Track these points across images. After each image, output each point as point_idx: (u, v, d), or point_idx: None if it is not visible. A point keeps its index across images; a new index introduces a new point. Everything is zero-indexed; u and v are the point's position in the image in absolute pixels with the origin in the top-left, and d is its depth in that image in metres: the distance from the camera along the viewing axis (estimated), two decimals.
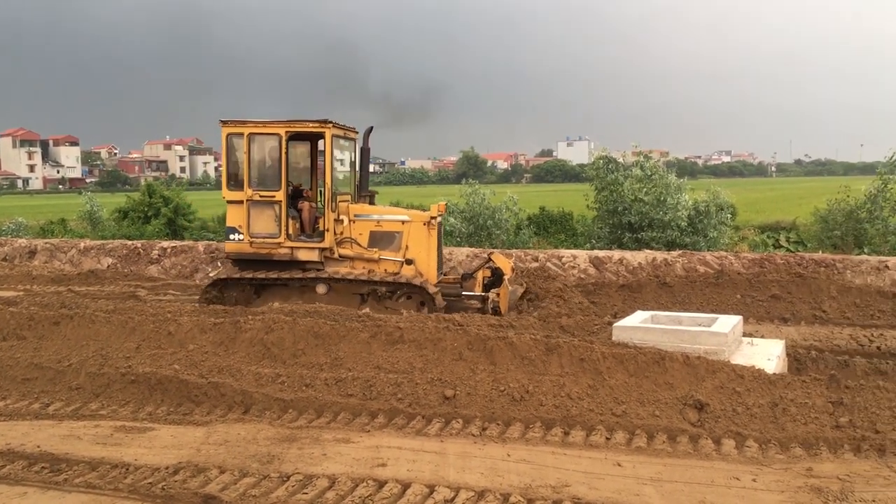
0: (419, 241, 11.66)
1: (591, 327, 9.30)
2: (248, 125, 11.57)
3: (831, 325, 10.59)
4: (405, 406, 6.93)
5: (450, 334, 7.75)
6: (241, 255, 11.74)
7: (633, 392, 6.83)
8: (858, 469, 5.52)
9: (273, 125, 11.55)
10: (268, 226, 11.53)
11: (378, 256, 11.65)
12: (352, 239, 11.71)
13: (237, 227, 11.61)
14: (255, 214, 11.55)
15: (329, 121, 11.50)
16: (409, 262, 11.60)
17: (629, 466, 5.70)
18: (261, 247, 11.55)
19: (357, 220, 11.77)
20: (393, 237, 11.76)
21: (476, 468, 5.71)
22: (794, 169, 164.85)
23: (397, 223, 11.84)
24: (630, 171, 19.48)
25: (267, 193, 11.52)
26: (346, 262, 11.74)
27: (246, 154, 11.52)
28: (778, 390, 6.66)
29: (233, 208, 11.70)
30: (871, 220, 19.76)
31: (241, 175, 11.61)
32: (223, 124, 11.74)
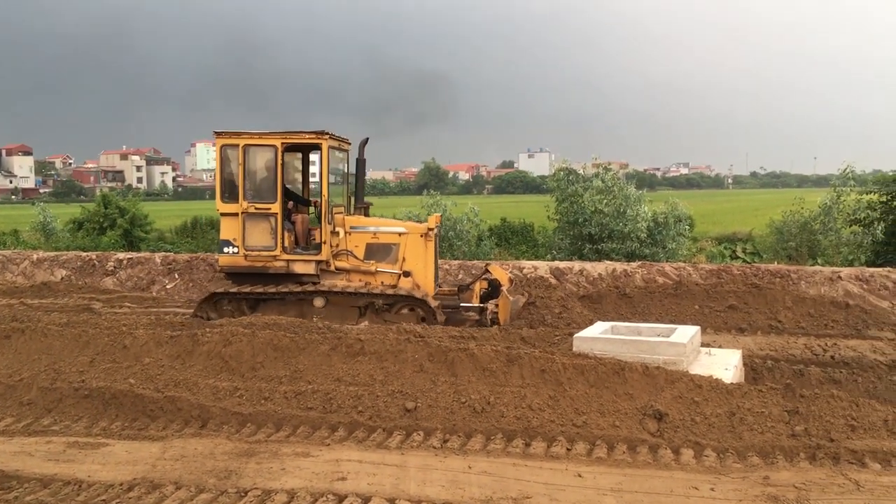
0: (416, 253, 11.57)
1: (552, 338, 9.34)
2: (243, 137, 11.40)
3: (787, 334, 10.76)
4: (366, 419, 6.88)
5: (411, 346, 7.71)
6: (235, 268, 11.55)
7: (594, 402, 6.85)
8: (814, 477, 5.60)
9: (269, 136, 11.40)
10: (263, 238, 11.36)
11: (375, 269, 11.53)
12: (348, 251, 11.58)
13: (231, 240, 11.42)
14: (250, 227, 11.37)
15: (326, 132, 11.40)
16: (406, 274, 11.51)
17: (590, 477, 5.71)
18: (256, 260, 11.38)
19: (353, 232, 11.66)
20: (390, 249, 11.65)
21: (437, 481, 5.67)
22: (750, 181, 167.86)
23: (394, 235, 11.73)
24: (590, 182, 19.69)
25: (262, 206, 11.35)
26: (342, 274, 11.60)
27: (241, 166, 11.36)
28: (735, 400, 6.73)
29: (227, 221, 11.52)
30: (825, 232, 20.22)
31: (236, 187, 11.44)
32: (217, 136, 11.55)
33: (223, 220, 11.59)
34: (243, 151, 11.36)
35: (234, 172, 11.50)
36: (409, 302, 11.25)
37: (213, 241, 27.82)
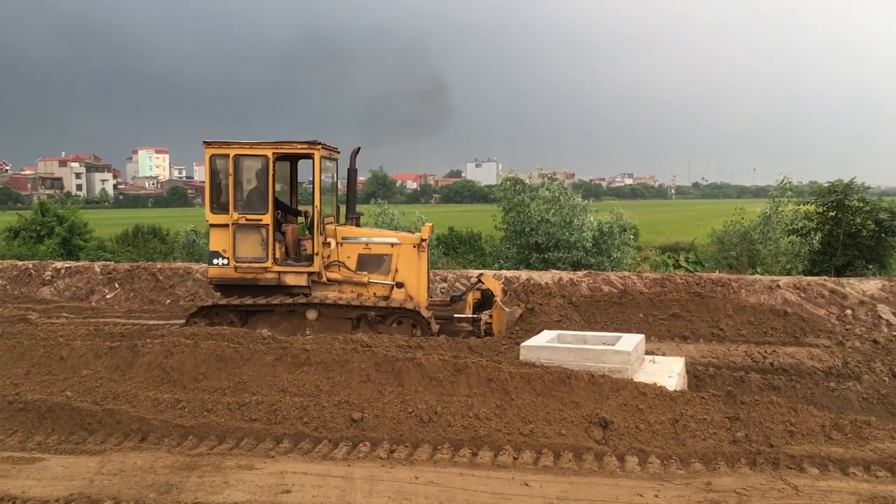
0: (409, 264, 11.45)
1: (499, 347, 9.37)
2: (233, 146, 11.20)
3: (728, 342, 10.95)
4: (311, 430, 6.79)
5: (357, 356, 7.65)
6: (224, 280, 11.30)
7: (540, 411, 6.88)
8: (754, 482, 5.70)
9: (260, 146, 11.22)
10: (254, 250, 11.16)
11: (367, 280, 11.39)
12: (340, 262, 11.43)
13: (221, 252, 11.19)
14: (240, 238, 11.16)
15: (318, 142, 11.25)
16: (399, 285, 11.38)
17: (536, 486, 5.72)
18: (246, 272, 11.17)
19: (345, 242, 11.51)
20: (382, 260, 11.53)
21: (383, 492, 5.63)
22: (692, 192, 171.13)
23: (386, 246, 11.60)
24: (536, 192, 19.85)
25: (253, 217, 11.16)
26: (334, 286, 11.43)
27: (231, 176, 11.15)
28: (678, 407, 6.83)
29: (216, 232, 11.29)
30: (764, 242, 20.69)
31: (226, 198, 11.22)
32: (206, 146, 11.32)
33: (213, 231, 11.37)
34: (234, 161, 11.17)
35: (224, 183, 11.30)
36: (402, 314, 11.13)
37: (154, 250, 27.30)
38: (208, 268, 11.56)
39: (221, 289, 11.47)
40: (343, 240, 11.50)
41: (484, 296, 11.73)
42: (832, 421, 6.62)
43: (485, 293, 11.73)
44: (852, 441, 6.35)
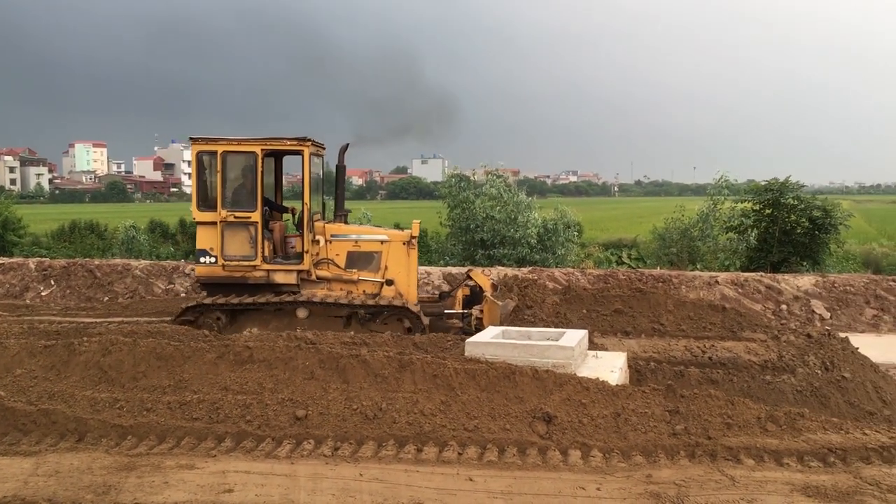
0: (399, 262, 11.44)
1: (444, 343, 9.39)
2: (221, 143, 11.04)
3: (668, 337, 11.16)
4: (254, 428, 6.71)
5: (301, 353, 7.59)
6: (212, 278, 11.14)
7: (485, 407, 6.91)
8: (693, 474, 5.82)
9: (248, 143, 11.08)
10: (243, 248, 11.03)
11: (357, 277, 11.32)
12: (329, 260, 11.35)
13: (208, 250, 11.05)
14: (228, 236, 11.02)
15: (308, 138, 11.12)
16: (388, 282, 11.33)
17: (481, 481, 5.76)
18: (234, 270, 11.00)
19: (334, 240, 11.45)
20: (371, 258, 11.49)
21: (327, 490, 5.59)
22: (635, 189, 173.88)
23: (376, 243, 11.58)
24: (481, 189, 19.96)
25: (242, 214, 11.01)
26: (323, 284, 11.32)
27: (219, 173, 10.97)
28: (620, 401, 6.93)
29: (203, 230, 11.13)
30: (703, 238, 21.16)
31: (214, 195, 11.04)
32: (193, 142, 11.14)
33: (199, 229, 11.23)
34: (221, 158, 11.02)
35: (211, 180, 11.15)
36: (393, 311, 11.08)
37: (91, 246, 26.66)
38: (195, 266, 11.43)
39: (208, 287, 11.32)
40: (332, 237, 11.47)
41: (473, 291, 11.78)
42: (767, 413, 6.79)
43: (473, 288, 11.78)
44: (786, 432, 6.53)
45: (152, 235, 29.15)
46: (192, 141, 11.18)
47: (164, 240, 30.24)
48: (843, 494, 5.42)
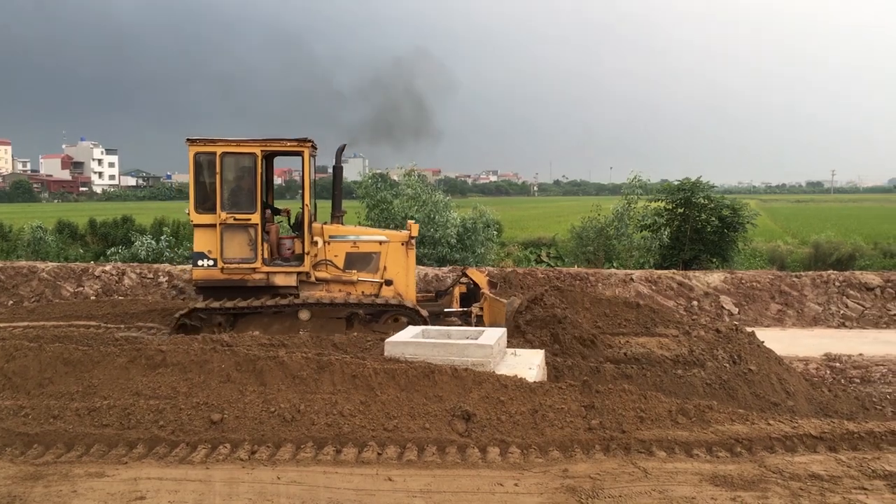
0: (397, 262, 11.40)
1: (364, 344, 9.35)
2: (219, 144, 10.82)
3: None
4: (167, 434, 6.54)
5: (217, 356, 7.43)
6: (210, 281, 10.89)
7: (405, 406, 6.91)
8: (608, 467, 5.96)
9: (248, 144, 10.89)
10: (242, 250, 10.84)
11: (357, 278, 11.22)
12: (328, 261, 11.22)
13: (206, 253, 10.82)
14: (228, 238, 10.81)
15: (308, 139, 10.96)
16: (388, 282, 11.26)
17: (400, 480, 5.76)
18: (234, 273, 10.78)
19: (332, 241, 11.33)
20: (370, 258, 11.43)
21: (244, 494, 5.50)
22: (554, 189, 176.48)
23: (374, 244, 11.52)
24: (400, 189, 19.97)
25: (242, 216, 10.80)
26: (322, 285, 11.18)
27: (218, 175, 10.75)
28: (538, 397, 7.03)
29: (201, 232, 10.90)
30: (618, 237, 21.67)
31: (213, 197, 10.80)
32: (190, 143, 10.85)
33: (197, 232, 11.01)
34: (220, 159, 10.82)
35: (209, 181, 10.94)
36: (397, 311, 11.05)
37: None
38: (192, 269, 11.17)
39: (205, 291, 11.11)
40: (330, 238, 11.40)
41: (469, 289, 11.89)
42: (678, 406, 7.00)
43: (469, 286, 11.89)
44: (696, 424, 6.75)
45: (60, 236, 28.08)
46: (190, 142, 10.98)
47: (73, 241, 29.17)
48: (748, 483, 5.64)
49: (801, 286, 16.50)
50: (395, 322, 11.07)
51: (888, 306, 15.90)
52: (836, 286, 16.32)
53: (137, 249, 21.44)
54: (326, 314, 11.05)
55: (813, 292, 16.12)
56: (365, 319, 11.10)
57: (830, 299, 16.11)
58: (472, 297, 11.82)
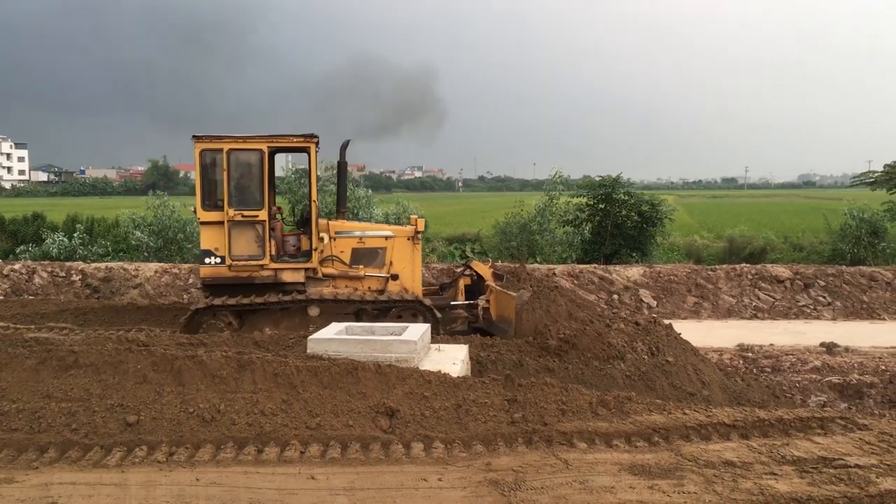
0: (403, 257, 11.43)
1: (287, 341, 9.24)
2: (226, 140, 10.68)
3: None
4: (80, 437, 6.33)
5: (132, 356, 7.22)
6: (218, 279, 10.74)
7: (328, 404, 6.86)
8: (530, 460, 6.03)
9: (254, 140, 10.77)
10: (250, 247, 10.76)
11: (364, 274, 11.21)
12: (334, 257, 11.19)
13: (213, 250, 10.69)
14: (235, 236, 10.69)
15: (314, 135, 10.86)
16: (394, 277, 11.26)
17: (323, 479, 5.70)
18: (241, 270, 10.67)
19: (338, 237, 11.30)
20: (376, 253, 11.42)
21: (161, 497, 5.36)
22: (479, 184, 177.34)
23: (381, 239, 11.52)
24: (322, 184, 19.77)
25: (249, 213, 10.70)
26: (328, 281, 11.13)
27: (225, 172, 10.62)
28: (461, 392, 7.07)
29: (208, 230, 10.74)
30: (541, 232, 21.92)
31: (219, 194, 10.69)
32: (196, 140, 10.67)
33: (203, 230, 10.87)
34: (227, 156, 10.70)
35: (216, 179, 10.84)
36: (405, 305, 11.08)
37: None
38: (200, 267, 11.02)
39: (213, 289, 10.94)
40: (336, 234, 11.39)
41: (473, 281, 11.92)
42: (599, 398, 7.14)
43: (474, 278, 11.92)
44: (616, 415, 6.90)
45: None
46: (196, 139, 10.84)
47: None
48: (665, 471, 5.79)
49: (715, 279, 17.03)
50: (401, 318, 11.14)
51: (797, 298, 16.57)
52: (749, 279, 16.91)
53: (49, 247, 20.66)
54: (335, 310, 11.09)
55: (727, 285, 16.67)
56: (375, 314, 11.18)
57: (743, 292, 16.68)
58: (477, 289, 11.93)
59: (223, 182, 10.88)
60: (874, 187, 28.35)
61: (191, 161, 11.23)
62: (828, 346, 12.83)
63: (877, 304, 16.40)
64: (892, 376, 11.44)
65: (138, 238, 19.95)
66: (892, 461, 5.95)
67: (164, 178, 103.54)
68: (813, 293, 16.59)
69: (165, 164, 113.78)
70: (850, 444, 6.37)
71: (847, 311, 16.29)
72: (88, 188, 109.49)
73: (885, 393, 11.14)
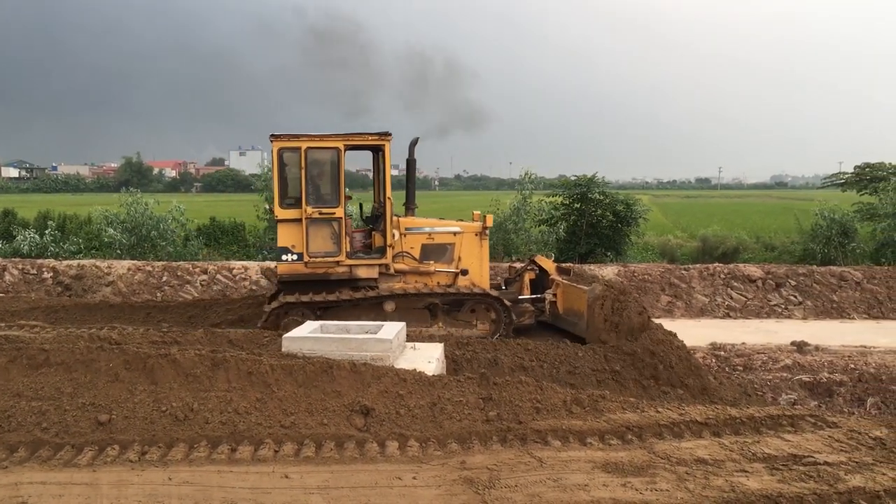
0: (471, 252, 11.61)
1: (261, 339, 9.20)
2: (303, 139, 10.81)
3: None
4: (51, 436, 6.26)
5: (104, 354, 7.15)
6: (294, 275, 10.86)
7: (302, 402, 6.83)
8: (504, 458, 6.05)
9: (331, 139, 10.93)
10: (326, 244, 10.93)
11: (434, 269, 11.39)
12: (405, 252, 11.36)
13: (290, 247, 10.84)
14: (313, 233, 10.87)
15: (389, 133, 11.02)
16: (463, 272, 11.45)
17: (297, 477, 5.68)
18: (317, 266, 10.84)
19: (409, 233, 11.48)
20: (445, 249, 11.61)
21: (133, 496, 5.32)
22: (455, 183, 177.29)
23: (449, 235, 11.69)
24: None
25: (327, 210, 10.87)
26: (399, 276, 11.30)
27: (303, 170, 10.73)
28: (436, 391, 7.08)
29: (285, 227, 10.89)
30: (517, 231, 21.98)
31: (297, 192, 10.81)
32: (275, 139, 10.77)
33: (280, 227, 11.00)
34: (305, 155, 10.82)
35: (294, 177, 10.97)
36: (479, 300, 11.25)
37: None
38: (276, 265, 11.14)
39: (289, 286, 11.07)
40: (406, 231, 11.57)
41: (537, 275, 12.09)
42: (573, 396, 7.18)
43: (537, 273, 12.10)
44: (590, 414, 6.94)
45: None
46: (274, 138, 10.94)
47: None
48: (638, 468, 5.83)
49: (689, 278, 17.18)
50: (473, 312, 11.39)
51: (769, 297, 16.76)
52: (722, 278, 17.08)
53: (20, 244, 20.39)
54: (409, 305, 11.25)
55: (700, 284, 16.82)
56: (448, 310, 11.36)
57: (716, 291, 16.84)
58: (541, 283, 12.08)
59: (301, 180, 11.03)
60: (844, 188, 28.78)
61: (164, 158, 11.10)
62: (798, 345, 13.00)
63: (846, 304, 16.64)
64: (861, 375, 11.62)
65: (111, 235, 19.74)
66: (861, 458, 6.05)
67: (138, 174, 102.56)
68: (784, 293, 16.79)
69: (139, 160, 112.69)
70: (820, 442, 6.47)
71: (817, 310, 16.51)
72: (61, 185, 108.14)
73: (854, 391, 11.31)
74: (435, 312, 11.37)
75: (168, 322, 12.35)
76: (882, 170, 26.44)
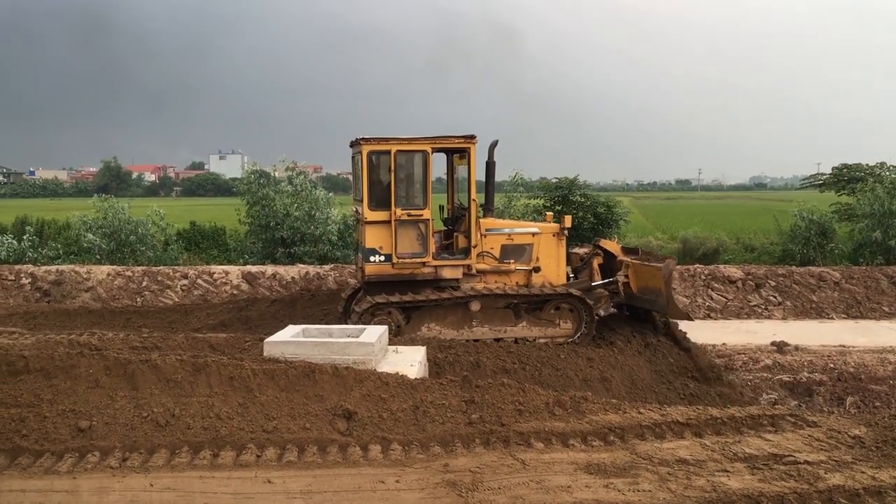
0: (549, 252, 11.78)
1: (243, 344, 9.15)
2: (393, 143, 10.94)
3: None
4: (31, 443, 6.20)
5: (84, 360, 7.09)
6: (381, 276, 11.02)
7: (285, 407, 6.82)
8: (487, 460, 6.06)
9: (419, 142, 11.07)
10: (413, 245, 11.09)
11: (514, 268, 11.56)
12: (486, 252, 11.50)
13: (378, 249, 10.97)
14: (402, 234, 11.00)
15: (474, 136, 11.12)
16: (535, 270, 11.60)
17: (279, 482, 5.67)
18: (404, 267, 10.99)
19: (489, 234, 11.61)
20: (524, 250, 11.75)
21: (114, 503, 5.28)
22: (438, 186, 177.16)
23: (528, 235, 11.83)
24: (280, 186, 19.59)
25: (415, 212, 11.02)
26: (479, 276, 11.47)
27: (392, 173, 10.85)
28: (419, 394, 7.08)
29: (373, 229, 11.00)
30: None
31: (386, 194, 10.92)
32: (364, 142, 10.88)
33: (368, 229, 11.09)
34: (394, 158, 10.94)
35: (383, 180, 11.09)
36: (564, 299, 11.38)
37: None
38: (364, 265, 11.21)
39: (374, 287, 11.19)
40: (487, 231, 11.69)
41: (606, 259, 12.28)
42: (555, 398, 7.21)
43: (605, 257, 12.29)
44: (572, 415, 6.97)
45: None
46: (364, 141, 11.06)
47: None
48: (620, 469, 5.87)
49: None
50: (556, 311, 11.49)
51: (749, 298, 16.89)
52: (702, 279, 17.19)
53: None
54: (493, 305, 11.40)
55: (681, 285, 16.90)
56: (531, 308, 11.50)
57: (697, 292, 16.94)
58: (609, 266, 12.27)
59: (390, 183, 11.14)
60: (823, 189, 29.03)
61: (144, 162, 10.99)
62: (778, 345, 13.12)
63: (825, 304, 16.79)
64: (841, 374, 11.75)
65: (90, 240, 19.56)
66: (841, 457, 6.12)
67: (117, 179, 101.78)
68: (764, 293, 16.92)
69: (118, 164, 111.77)
70: (800, 441, 6.53)
71: (797, 310, 16.65)
72: (38, 189, 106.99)
73: (834, 390, 11.43)
74: (518, 312, 11.54)
75: (148, 327, 12.27)
76: (860, 171, 26.69)
